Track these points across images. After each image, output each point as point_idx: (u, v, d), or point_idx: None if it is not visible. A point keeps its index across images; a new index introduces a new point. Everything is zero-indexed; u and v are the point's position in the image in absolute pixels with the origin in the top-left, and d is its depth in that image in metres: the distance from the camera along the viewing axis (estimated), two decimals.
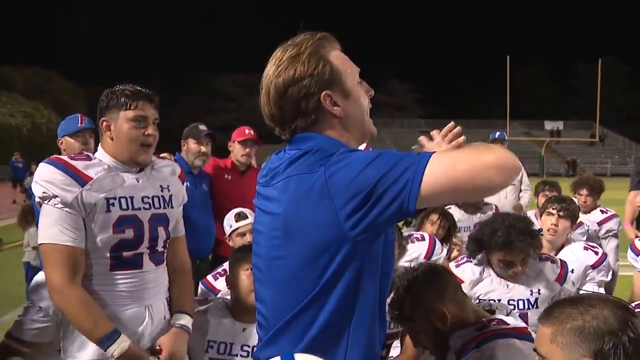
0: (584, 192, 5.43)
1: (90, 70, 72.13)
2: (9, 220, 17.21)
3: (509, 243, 2.88)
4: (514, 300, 2.99)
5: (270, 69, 1.65)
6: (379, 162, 1.46)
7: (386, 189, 1.43)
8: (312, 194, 1.50)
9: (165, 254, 2.60)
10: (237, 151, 4.89)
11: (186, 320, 2.60)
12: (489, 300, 2.95)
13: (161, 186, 2.58)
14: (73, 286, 2.33)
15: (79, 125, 3.84)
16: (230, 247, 3.87)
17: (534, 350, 1.61)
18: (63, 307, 2.37)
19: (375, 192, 1.44)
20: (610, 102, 57.32)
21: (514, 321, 2.15)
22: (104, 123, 2.49)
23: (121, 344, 2.32)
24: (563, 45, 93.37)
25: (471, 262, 3.14)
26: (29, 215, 6.42)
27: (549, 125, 60.18)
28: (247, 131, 4.92)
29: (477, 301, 2.97)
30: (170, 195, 2.60)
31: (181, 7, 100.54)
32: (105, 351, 2.32)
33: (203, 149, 4.62)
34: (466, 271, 3.11)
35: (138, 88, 2.51)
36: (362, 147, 4.89)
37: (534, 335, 2.11)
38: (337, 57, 1.66)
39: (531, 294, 2.99)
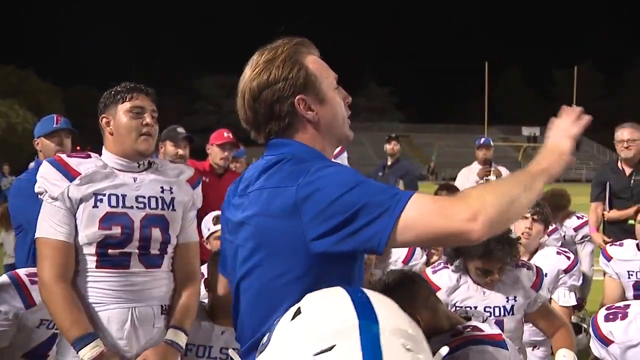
0: None
1: (67, 70, 71.37)
2: None
3: (488, 252, 2.86)
4: (490, 307, 2.99)
5: (246, 73, 1.66)
6: (357, 193, 1.43)
7: (361, 227, 1.42)
8: (283, 210, 1.49)
9: (164, 259, 2.54)
10: (215, 154, 4.86)
11: (179, 338, 2.52)
12: (465, 307, 2.96)
13: (162, 187, 2.54)
14: (59, 282, 2.34)
15: (54, 125, 3.81)
16: (208, 250, 3.85)
17: None
18: (46, 302, 2.39)
19: (349, 227, 1.43)
20: (585, 108, 58.02)
21: (488, 328, 2.16)
22: (104, 120, 2.53)
23: (93, 349, 2.29)
24: (540, 51, 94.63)
25: (448, 268, 3.13)
26: (5, 219, 6.33)
27: (526, 130, 60.88)
28: (225, 134, 4.90)
29: (454, 308, 2.98)
30: (173, 198, 2.55)
31: (160, 8, 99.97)
32: (77, 353, 2.29)
33: (180, 151, 4.61)
34: (443, 278, 3.10)
35: (133, 83, 2.55)
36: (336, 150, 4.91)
37: (508, 342, 2.14)
38: (313, 62, 1.66)
39: (507, 301, 3.00)
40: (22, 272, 2.78)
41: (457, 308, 2.97)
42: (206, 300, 2.94)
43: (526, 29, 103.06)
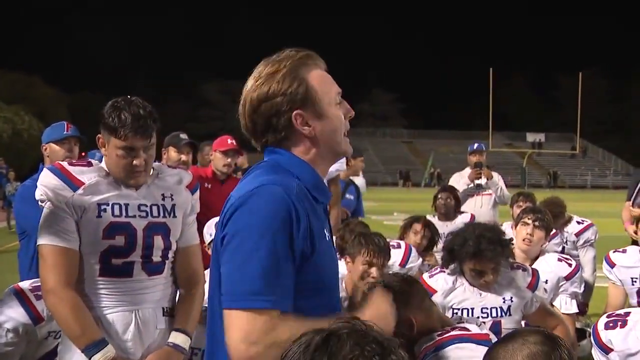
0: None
1: (74, 77, 71.57)
2: None
3: (479, 252, 2.93)
4: (487, 309, 3.04)
5: (249, 82, 1.69)
6: (249, 260, 1.49)
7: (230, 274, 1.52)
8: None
9: (165, 265, 2.56)
10: (218, 161, 4.89)
11: (181, 340, 2.54)
12: (462, 309, 3.02)
13: (163, 195, 2.56)
14: (66, 289, 2.34)
15: (65, 132, 3.84)
16: (210, 255, 3.86)
17: None
18: (54, 310, 2.38)
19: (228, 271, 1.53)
20: (590, 115, 58.07)
21: (476, 328, 2.20)
22: (100, 140, 2.50)
23: (106, 354, 2.30)
24: (544, 57, 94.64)
25: (444, 272, 3.18)
26: None
27: (530, 137, 60.85)
28: (229, 141, 4.92)
29: (451, 310, 3.03)
30: (173, 205, 2.57)
31: (166, 13, 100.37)
32: (89, 359, 2.30)
33: (183, 157, 4.64)
34: (439, 281, 3.15)
35: (133, 113, 2.40)
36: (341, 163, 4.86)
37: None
38: (316, 76, 1.68)
39: (504, 302, 3.04)
40: (25, 286, 2.75)
41: (455, 310, 3.02)
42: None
43: (530, 35, 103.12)
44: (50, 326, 2.70)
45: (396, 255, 3.94)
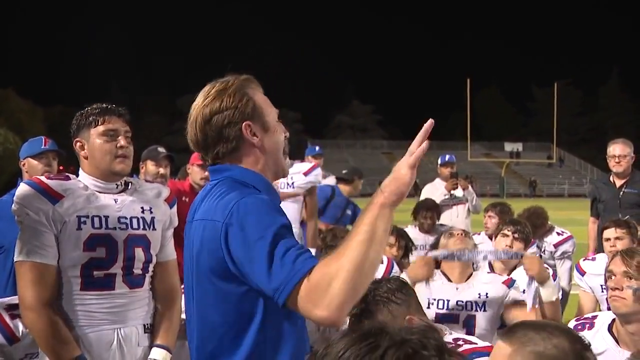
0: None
1: (48, 90, 71.00)
2: None
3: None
4: (462, 302, 3.17)
5: (198, 100, 1.84)
6: (270, 247, 1.56)
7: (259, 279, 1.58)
8: (213, 242, 1.67)
9: (146, 278, 2.57)
10: (195, 174, 4.88)
11: (162, 355, 2.55)
12: (438, 299, 3.18)
13: (142, 208, 2.58)
14: (45, 306, 2.32)
15: (43, 147, 3.84)
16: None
17: None
18: (32, 327, 2.36)
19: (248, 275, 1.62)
20: (565, 124, 58.89)
21: (479, 340, 2.27)
22: (78, 144, 2.55)
23: None
24: (519, 68, 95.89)
25: None
26: None
27: (508, 146, 61.50)
28: None
29: (427, 301, 3.14)
30: (153, 218, 2.59)
31: (142, 28, 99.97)
32: None
33: (161, 170, 4.61)
34: None
35: (105, 105, 2.57)
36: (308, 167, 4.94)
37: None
38: (260, 96, 1.87)
39: (479, 297, 3.17)
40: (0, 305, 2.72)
41: (430, 301, 3.16)
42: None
43: (506, 46, 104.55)
44: (27, 347, 2.67)
45: (379, 270, 4.00)
